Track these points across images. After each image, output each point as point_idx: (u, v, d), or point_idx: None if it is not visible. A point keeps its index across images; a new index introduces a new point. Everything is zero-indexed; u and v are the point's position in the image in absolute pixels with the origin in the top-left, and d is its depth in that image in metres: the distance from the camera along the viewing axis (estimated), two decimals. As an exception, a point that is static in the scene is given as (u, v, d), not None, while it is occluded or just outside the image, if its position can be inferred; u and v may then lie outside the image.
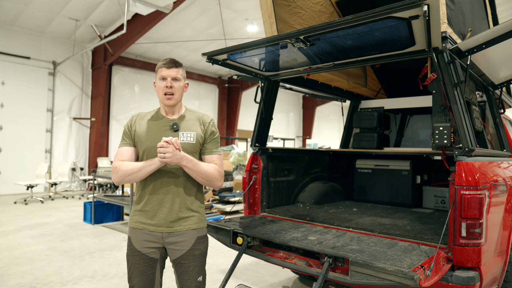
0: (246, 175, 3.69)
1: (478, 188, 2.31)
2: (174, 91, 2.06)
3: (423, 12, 2.01)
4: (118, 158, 2.07)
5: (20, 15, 10.30)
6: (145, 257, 2.04)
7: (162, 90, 2.06)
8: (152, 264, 2.06)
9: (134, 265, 2.05)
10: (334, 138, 23.66)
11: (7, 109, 10.89)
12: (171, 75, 2.05)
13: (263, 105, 3.78)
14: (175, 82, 2.07)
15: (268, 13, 3.52)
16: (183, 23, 11.47)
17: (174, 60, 2.08)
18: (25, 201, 9.49)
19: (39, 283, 3.96)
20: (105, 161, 12.35)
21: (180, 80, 2.09)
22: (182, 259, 2.05)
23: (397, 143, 5.35)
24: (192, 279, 2.06)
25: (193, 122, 2.14)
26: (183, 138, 2.07)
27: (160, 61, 2.10)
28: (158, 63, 2.11)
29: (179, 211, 2.04)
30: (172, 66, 2.06)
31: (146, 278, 2.05)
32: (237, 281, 4.09)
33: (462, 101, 2.56)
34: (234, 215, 7.55)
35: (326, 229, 3.05)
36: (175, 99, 2.08)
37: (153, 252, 2.05)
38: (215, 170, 2.08)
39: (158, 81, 2.09)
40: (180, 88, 2.09)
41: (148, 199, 2.05)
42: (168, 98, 2.06)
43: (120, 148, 2.11)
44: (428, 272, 2.00)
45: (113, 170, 2.03)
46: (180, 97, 2.12)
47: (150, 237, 2.03)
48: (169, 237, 2.04)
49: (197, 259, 2.09)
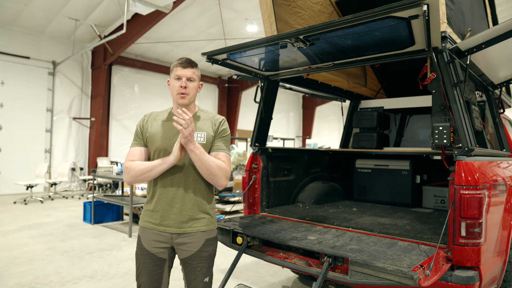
0: (246, 174, 3.69)
1: (477, 187, 2.31)
2: (189, 91, 2.05)
3: (423, 11, 2.01)
4: (129, 158, 2.07)
5: (20, 15, 10.30)
6: (153, 256, 2.04)
7: (177, 90, 2.05)
8: (160, 264, 2.06)
9: (142, 264, 2.06)
10: (334, 138, 23.66)
11: (7, 109, 10.89)
12: (186, 75, 2.04)
13: (263, 104, 3.78)
14: (190, 82, 2.06)
15: (268, 13, 3.52)
16: (183, 23, 11.46)
17: (190, 60, 2.08)
18: (24, 201, 9.49)
19: (38, 283, 3.96)
20: (104, 161, 12.35)
21: (195, 80, 2.08)
22: (190, 259, 2.06)
23: (397, 143, 5.35)
24: (199, 279, 2.07)
25: (205, 122, 2.14)
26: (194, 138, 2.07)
27: (176, 60, 2.09)
28: (174, 62, 2.09)
29: (190, 211, 2.04)
30: (187, 66, 2.05)
31: (153, 278, 2.05)
32: (237, 281, 4.08)
33: (462, 101, 2.56)
34: (233, 215, 7.55)
35: (326, 229, 3.05)
36: (189, 98, 2.07)
37: (161, 252, 2.05)
38: (220, 166, 2.02)
39: (173, 80, 2.07)
40: (194, 88, 2.08)
41: (159, 199, 2.04)
42: (182, 97, 2.05)
43: (132, 148, 2.12)
44: (427, 272, 2.00)
45: (125, 170, 2.03)
46: (194, 97, 2.11)
47: (159, 237, 2.04)
48: (178, 238, 2.04)
49: (205, 261, 2.09)
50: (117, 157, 13.28)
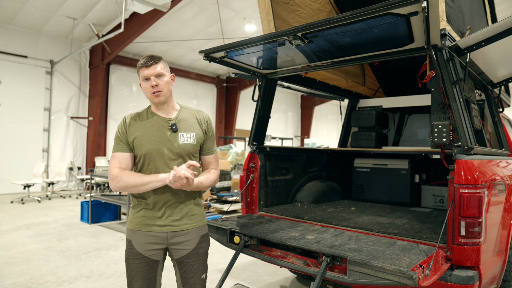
0: (244, 173, 3.67)
1: (477, 186, 2.29)
2: (161, 87, 1.98)
3: (422, 8, 1.99)
4: (116, 165, 1.96)
5: (17, 14, 10.24)
6: (147, 259, 1.99)
7: (149, 90, 1.98)
8: (154, 266, 2.01)
9: (135, 269, 1.99)
10: (332, 138, 23.67)
11: (4, 108, 10.83)
12: (153, 73, 1.96)
13: (261, 103, 3.76)
14: (160, 78, 1.98)
15: (266, 11, 3.50)
16: (181, 22, 11.43)
17: (152, 56, 2.00)
18: (22, 200, 9.44)
19: (35, 283, 3.93)
20: (102, 161, 12.31)
21: (164, 75, 2.00)
22: (187, 258, 2.03)
23: (396, 142, 5.33)
24: (197, 277, 2.06)
25: (191, 121, 2.10)
26: (184, 139, 2.02)
27: (139, 61, 2.01)
28: (138, 64, 2.02)
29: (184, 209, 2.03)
30: (151, 64, 1.96)
31: (147, 281, 2.00)
32: (234, 281, 4.06)
33: (461, 99, 2.54)
34: (231, 214, 7.52)
35: (324, 228, 3.03)
36: (164, 94, 2.00)
37: (155, 254, 2.00)
38: (214, 177, 2.14)
39: (143, 83, 2.00)
40: (166, 83, 2.01)
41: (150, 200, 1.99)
42: (157, 95, 1.98)
43: (116, 153, 1.99)
44: (427, 271, 1.98)
45: (113, 178, 1.92)
46: (169, 91, 2.03)
47: (153, 239, 1.98)
48: (174, 237, 2.00)
49: (201, 257, 2.09)
50: (115, 157, 13.22)
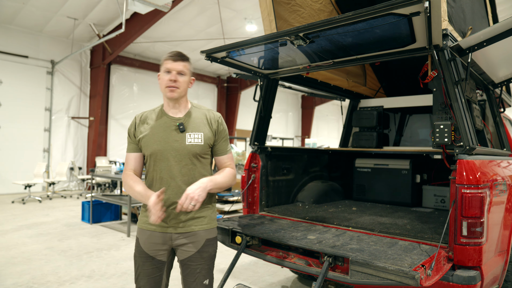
0: (245, 174, 3.66)
1: (479, 186, 2.29)
2: (179, 85, 1.97)
3: (424, 8, 1.99)
4: (126, 168, 2.08)
5: (18, 14, 10.25)
6: (152, 259, 1.99)
7: (166, 83, 1.97)
8: (159, 266, 2.01)
9: (141, 267, 2.00)
10: (332, 138, 23.65)
11: (5, 108, 10.84)
12: (177, 69, 1.96)
13: (262, 103, 3.76)
14: (180, 76, 1.98)
15: (267, 11, 3.50)
16: (182, 22, 11.43)
17: (181, 53, 2.00)
18: (23, 200, 9.45)
19: (36, 283, 3.93)
20: (103, 161, 12.31)
21: (186, 74, 2.00)
22: (190, 261, 1.99)
23: (397, 142, 5.33)
24: (198, 281, 1.99)
25: (200, 121, 2.06)
26: (190, 139, 2.00)
27: (167, 53, 2.01)
28: (164, 55, 2.01)
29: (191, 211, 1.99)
30: (178, 60, 1.96)
31: (153, 280, 2.00)
32: (236, 281, 4.06)
33: (463, 99, 2.54)
34: (232, 214, 7.52)
35: (326, 228, 3.03)
36: (179, 92, 1.98)
37: (161, 255, 2.00)
38: (231, 175, 2.10)
39: (163, 74, 2.00)
40: (185, 82, 2.00)
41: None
42: (171, 90, 1.96)
43: (127, 153, 2.10)
44: (429, 272, 1.97)
45: (123, 181, 2.05)
46: (184, 92, 2.03)
47: (158, 239, 1.98)
48: (179, 239, 1.98)
49: (205, 262, 2.02)
50: (116, 157, 13.24)
